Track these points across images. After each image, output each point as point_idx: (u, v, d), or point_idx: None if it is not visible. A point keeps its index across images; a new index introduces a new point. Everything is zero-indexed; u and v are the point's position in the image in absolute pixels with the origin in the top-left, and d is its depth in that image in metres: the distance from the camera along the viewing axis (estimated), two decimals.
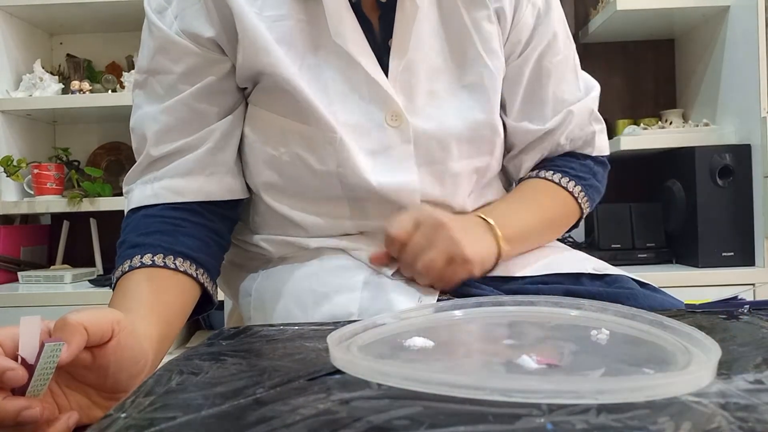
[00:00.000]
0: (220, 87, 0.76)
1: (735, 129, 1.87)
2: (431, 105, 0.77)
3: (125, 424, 0.36)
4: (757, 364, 0.43)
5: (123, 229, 0.76)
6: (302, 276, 0.78)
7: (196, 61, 0.75)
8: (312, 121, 0.74)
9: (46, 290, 1.83)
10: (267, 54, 0.72)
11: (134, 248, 0.71)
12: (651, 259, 1.91)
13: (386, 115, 0.75)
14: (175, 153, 0.76)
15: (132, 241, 0.72)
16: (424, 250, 0.71)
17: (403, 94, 0.76)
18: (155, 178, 0.76)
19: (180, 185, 0.76)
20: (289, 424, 0.34)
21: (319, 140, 0.74)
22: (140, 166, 0.78)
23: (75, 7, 2.01)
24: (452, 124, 0.77)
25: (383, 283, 0.74)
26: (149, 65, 0.77)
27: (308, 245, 0.80)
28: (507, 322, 0.57)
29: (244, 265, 0.87)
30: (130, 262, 0.70)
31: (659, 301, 0.75)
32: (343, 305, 0.72)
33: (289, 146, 0.76)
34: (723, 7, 1.88)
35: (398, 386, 0.38)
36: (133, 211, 0.77)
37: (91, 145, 2.27)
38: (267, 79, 0.74)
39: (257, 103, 0.78)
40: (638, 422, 0.32)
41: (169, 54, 0.75)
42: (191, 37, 0.74)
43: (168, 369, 0.47)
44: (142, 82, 0.78)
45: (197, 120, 0.76)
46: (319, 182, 0.77)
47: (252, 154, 0.79)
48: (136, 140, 0.78)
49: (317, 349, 0.52)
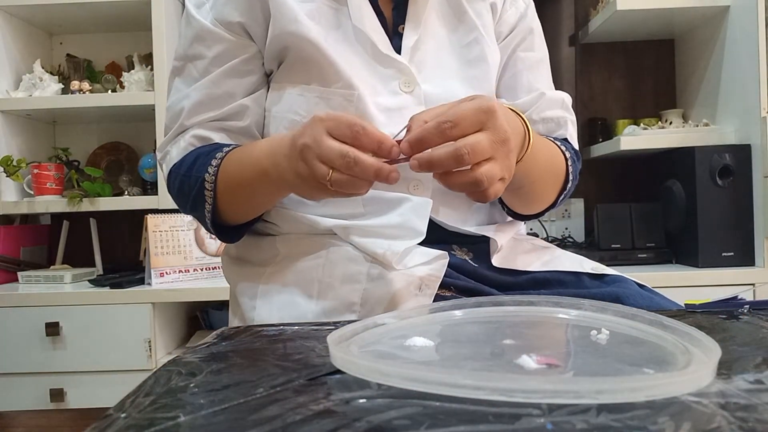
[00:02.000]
0: (247, 67, 0.85)
1: (735, 129, 1.87)
2: (440, 75, 0.85)
3: (125, 424, 0.36)
4: (757, 364, 0.43)
5: (177, 169, 0.84)
6: (308, 267, 0.79)
7: (226, 46, 0.84)
8: (333, 82, 0.81)
9: (46, 290, 1.83)
10: (296, 22, 0.80)
11: (212, 151, 0.80)
12: (651, 259, 1.91)
13: (400, 82, 0.83)
14: (207, 121, 0.85)
15: (202, 155, 0.81)
16: (470, 129, 0.62)
17: (415, 66, 0.84)
18: (186, 131, 0.85)
19: (211, 135, 0.85)
20: (289, 424, 0.34)
21: (339, 99, 0.81)
22: (172, 134, 0.86)
23: (75, 7, 2.01)
24: (459, 90, 0.84)
25: (386, 275, 0.75)
26: (186, 52, 0.86)
27: (317, 225, 0.81)
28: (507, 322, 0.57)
29: (251, 260, 0.88)
30: (221, 152, 0.79)
31: (656, 302, 0.76)
32: (347, 295, 0.75)
33: (309, 109, 0.82)
34: (723, 7, 1.88)
35: (398, 386, 0.38)
36: (177, 165, 0.84)
37: (91, 145, 2.27)
38: (293, 51, 0.82)
39: (280, 80, 0.85)
40: (638, 422, 0.32)
41: (205, 41, 0.84)
42: (224, 25, 0.83)
43: (168, 369, 0.47)
44: (180, 68, 0.87)
45: (225, 96, 0.84)
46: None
47: (274, 124, 0.86)
48: (170, 118, 0.87)
49: (317, 349, 0.52)
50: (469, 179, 0.61)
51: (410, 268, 0.75)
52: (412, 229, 0.79)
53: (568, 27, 2.19)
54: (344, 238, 0.81)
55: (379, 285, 0.74)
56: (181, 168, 0.84)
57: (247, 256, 0.90)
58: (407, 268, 0.75)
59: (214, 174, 0.79)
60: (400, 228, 0.79)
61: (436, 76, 0.85)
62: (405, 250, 0.77)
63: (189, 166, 0.82)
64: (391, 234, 0.79)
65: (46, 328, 1.75)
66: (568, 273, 0.82)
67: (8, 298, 1.78)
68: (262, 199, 0.80)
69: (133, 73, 2.02)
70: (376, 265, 0.77)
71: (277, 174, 0.72)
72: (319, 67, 0.81)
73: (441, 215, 0.83)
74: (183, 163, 0.84)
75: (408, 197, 0.80)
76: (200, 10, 0.85)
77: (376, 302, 0.73)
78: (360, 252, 0.79)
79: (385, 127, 0.79)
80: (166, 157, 0.87)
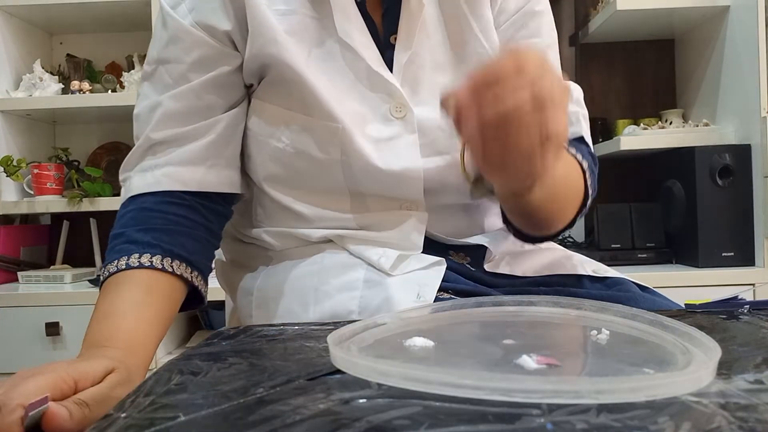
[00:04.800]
0: (229, 80, 0.77)
1: (735, 129, 1.87)
2: (437, 96, 0.77)
3: (125, 424, 0.36)
4: (757, 364, 0.43)
5: (119, 218, 0.75)
6: (303, 274, 0.78)
7: (208, 52, 0.76)
8: (315, 112, 0.75)
9: (46, 290, 1.83)
10: (275, 43, 0.73)
11: (132, 244, 0.71)
12: (651, 259, 1.91)
13: (391, 107, 0.76)
14: (175, 140, 0.76)
15: (130, 236, 0.72)
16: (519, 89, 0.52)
17: (408, 86, 0.77)
18: (156, 166, 0.76)
19: (182, 174, 0.76)
20: (289, 424, 0.34)
21: (323, 131, 0.75)
22: (138, 150, 0.78)
23: (75, 7, 2.00)
24: None
25: (383, 281, 0.74)
26: (160, 55, 0.78)
27: (310, 237, 0.80)
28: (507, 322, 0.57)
29: (245, 264, 0.88)
30: (127, 259, 0.70)
31: (658, 305, 0.76)
32: (344, 303, 0.73)
33: (292, 138, 0.77)
34: (723, 7, 1.88)
35: (398, 386, 0.38)
36: (132, 199, 0.76)
37: (91, 145, 2.27)
38: (273, 70, 0.75)
39: (262, 96, 0.79)
40: (638, 422, 0.32)
41: (182, 43, 0.76)
42: (206, 29, 0.75)
43: (168, 369, 0.47)
44: (150, 73, 0.79)
45: (203, 110, 0.77)
46: (321, 172, 0.78)
47: (256, 146, 0.80)
48: (138, 127, 0.78)
49: (317, 349, 0.52)
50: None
51: (407, 273, 0.75)
52: (408, 241, 0.78)
53: (568, 27, 2.19)
54: (339, 244, 0.80)
55: (377, 292, 0.73)
56: (124, 215, 0.75)
57: (240, 261, 0.89)
58: (404, 273, 0.75)
59: (110, 272, 0.70)
60: (396, 240, 0.78)
61: (432, 97, 0.77)
62: (400, 255, 0.76)
63: (124, 224, 0.73)
64: (387, 245, 0.78)
65: (46, 328, 1.75)
66: (569, 276, 0.81)
67: (8, 298, 1.78)
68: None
69: (133, 73, 2.01)
70: (372, 271, 0.75)
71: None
72: (300, 94, 0.75)
73: (436, 230, 0.81)
74: (126, 212, 0.74)
75: (405, 213, 0.79)
76: (177, 10, 0.77)
77: (374, 309, 0.71)
78: (356, 258, 0.78)
79: (375, 160, 0.75)
80: (126, 182, 0.78)
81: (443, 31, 0.79)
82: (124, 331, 0.63)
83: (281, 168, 0.79)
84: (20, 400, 0.45)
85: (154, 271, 0.70)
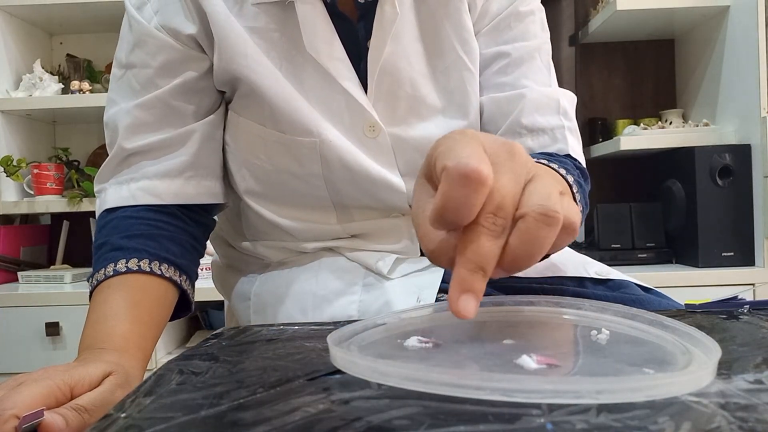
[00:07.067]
0: (198, 85, 0.75)
1: (735, 129, 1.87)
2: (413, 114, 0.75)
3: (125, 424, 0.36)
4: (757, 364, 0.43)
5: (100, 229, 0.74)
6: (302, 280, 0.78)
7: (174, 55, 0.73)
8: (290, 130, 0.73)
9: (46, 290, 1.83)
10: (244, 58, 0.71)
11: (118, 251, 0.69)
12: (651, 259, 1.91)
13: (364, 127, 0.74)
14: (150, 150, 0.74)
15: (115, 243, 0.70)
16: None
17: (384, 101, 0.74)
18: (131, 179, 0.74)
19: (158, 187, 0.74)
20: (289, 424, 0.34)
21: (300, 147, 0.73)
22: (113, 161, 0.76)
23: (75, 7, 2.01)
24: (435, 132, 0.74)
25: (382, 285, 0.74)
26: (127, 59, 0.75)
27: (305, 248, 0.80)
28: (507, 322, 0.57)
29: (241, 269, 0.87)
30: (114, 265, 0.68)
31: (664, 305, 0.75)
32: (343, 308, 0.73)
33: (270, 155, 0.75)
34: (723, 7, 1.88)
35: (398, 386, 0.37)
36: (108, 211, 0.74)
37: (91, 145, 2.27)
38: (244, 85, 0.73)
39: (237, 110, 0.77)
40: (638, 422, 0.32)
41: (148, 47, 0.74)
42: (171, 33, 0.73)
43: (168, 369, 0.47)
44: (119, 77, 0.76)
45: (173, 117, 0.74)
46: (304, 186, 0.76)
47: (234, 162, 0.78)
48: (110, 135, 0.76)
49: (317, 349, 0.52)
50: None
51: (406, 276, 0.74)
52: (403, 247, 0.78)
53: (568, 27, 2.19)
54: (336, 250, 0.79)
55: (376, 296, 0.73)
56: (104, 226, 0.73)
57: (235, 265, 0.88)
58: (403, 276, 0.74)
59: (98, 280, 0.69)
60: (390, 247, 0.78)
61: (410, 114, 0.74)
62: (398, 259, 0.76)
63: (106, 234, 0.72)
64: (383, 250, 0.78)
65: (46, 328, 1.75)
66: (571, 279, 0.80)
67: (8, 298, 1.78)
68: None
69: None
70: (370, 275, 0.75)
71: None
72: (273, 110, 0.72)
73: None
74: (107, 223, 0.73)
75: (394, 222, 0.78)
76: (142, 11, 0.74)
77: (374, 314, 0.71)
78: (353, 262, 0.77)
79: (358, 172, 0.73)
80: (101, 193, 0.76)
81: (421, 41, 0.75)
82: (119, 334, 0.62)
83: (262, 185, 0.78)
84: (14, 411, 0.44)
85: (143, 274, 0.68)
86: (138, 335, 0.64)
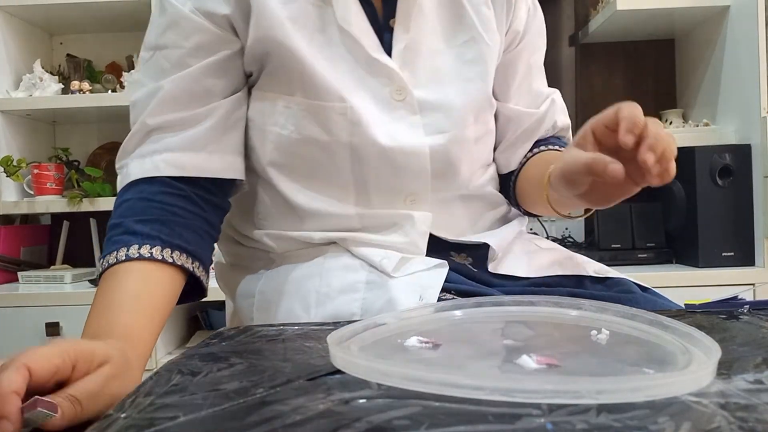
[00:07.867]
0: (229, 64, 0.77)
1: (735, 129, 1.87)
2: (434, 80, 0.80)
3: (125, 424, 0.36)
4: (757, 364, 0.43)
5: (117, 206, 0.74)
6: (305, 276, 0.78)
7: (208, 37, 0.75)
8: (322, 95, 0.75)
9: (46, 290, 1.83)
10: (280, 27, 0.74)
11: (132, 235, 0.70)
12: (651, 259, 1.90)
13: (391, 90, 0.78)
14: (174, 125, 0.75)
15: (129, 226, 0.71)
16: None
17: (407, 69, 0.79)
18: (154, 151, 0.74)
19: (181, 159, 0.74)
20: (289, 424, 0.34)
21: (330, 113, 0.76)
22: (135, 137, 0.76)
23: (75, 7, 2.00)
24: (454, 97, 0.80)
25: (385, 283, 0.74)
26: (157, 41, 0.77)
27: (312, 239, 0.80)
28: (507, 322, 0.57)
29: (246, 267, 0.87)
30: (127, 250, 0.69)
31: (660, 305, 0.76)
32: (346, 305, 0.73)
33: (297, 124, 0.77)
34: (723, 7, 1.88)
35: (398, 386, 0.38)
36: (130, 186, 0.74)
37: (91, 145, 2.27)
38: (275, 58, 0.76)
39: (263, 87, 0.79)
40: (638, 422, 0.32)
41: (181, 29, 0.75)
42: (206, 15, 0.75)
43: (168, 369, 0.47)
44: (147, 59, 0.78)
45: (202, 95, 0.76)
46: (327, 158, 0.78)
47: (259, 136, 0.80)
48: (135, 113, 0.77)
49: (317, 350, 0.52)
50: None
51: (409, 275, 0.74)
52: (412, 245, 0.78)
53: (568, 27, 2.19)
54: (341, 245, 0.79)
55: (379, 294, 0.73)
56: (121, 203, 0.73)
57: (240, 263, 0.89)
58: (406, 275, 0.74)
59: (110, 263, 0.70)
60: (400, 245, 0.78)
61: (430, 80, 0.80)
62: (403, 257, 0.76)
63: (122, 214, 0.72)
64: (390, 248, 0.78)
65: (46, 328, 1.75)
66: (570, 277, 0.81)
67: (8, 298, 1.78)
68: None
69: (133, 73, 2.01)
70: (374, 273, 0.75)
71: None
72: (302, 78, 0.75)
73: (440, 230, 0.81)
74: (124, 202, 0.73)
75: (408, 214, 0.79)
76: None
77: (377, 312, 0.71)
78: (357, 260, 0.77)
79: (383, 138, 0.76)
80: (123, 169, 0.76)
81: (442, 18, 0.81)
82: (122, 325, 0.63)
83: (285, 156, 0.79)
84: (26, 361, 0.48)
85: (153, 262, 0.69)
86: (141, 327, 0.64)
